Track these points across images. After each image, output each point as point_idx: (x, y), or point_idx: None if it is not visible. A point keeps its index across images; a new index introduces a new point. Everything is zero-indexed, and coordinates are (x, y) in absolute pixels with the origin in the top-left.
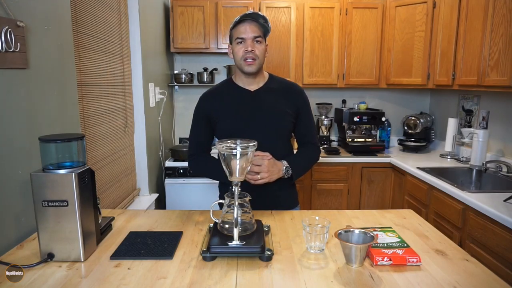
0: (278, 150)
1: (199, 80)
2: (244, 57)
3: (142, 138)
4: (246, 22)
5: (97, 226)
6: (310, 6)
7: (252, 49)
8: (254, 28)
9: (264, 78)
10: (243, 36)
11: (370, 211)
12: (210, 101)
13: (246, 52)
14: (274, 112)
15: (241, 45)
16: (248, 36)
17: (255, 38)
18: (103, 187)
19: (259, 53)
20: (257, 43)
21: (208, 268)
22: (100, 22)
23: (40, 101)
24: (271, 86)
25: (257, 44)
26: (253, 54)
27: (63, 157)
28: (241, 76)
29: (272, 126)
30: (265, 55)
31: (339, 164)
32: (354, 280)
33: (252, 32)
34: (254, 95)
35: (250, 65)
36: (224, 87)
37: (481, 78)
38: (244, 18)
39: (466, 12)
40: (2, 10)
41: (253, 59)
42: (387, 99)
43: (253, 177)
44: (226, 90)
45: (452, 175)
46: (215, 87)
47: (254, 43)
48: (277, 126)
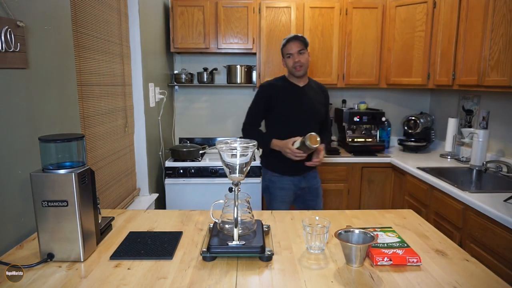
0: (316, 129)
1: (199, 80)
2: (294, 66)
3: (142, 138)
4: (292, 42)
5: (97, 226)
6: (310, 6)
7: (298, 60)
8: (298, 44)
9: (306, 79)
10: (290, 52)
11: (370, 211)
12: (272, 89)
13: (295, 63)
14: (315, 103)
15: (291, 58)
16: (294, 51)
17: (299, 51)
18: (103, 187)
19: (304, 61)
20: (301, 54)
21: (208, 268)
22: (100, 22)
23: (40, 101)
24: (311, 84)
25: (301, 55)
26: (299, 63)
27: (63, 157)
28: (293, 77)
29: (314, 112)
30: (308, 61)
31: (339, 164)
32: (354, 280)
33: (296, 48)
34: (302, 89)
35: (299, 71)
36: (281, 81)
37: (481, 78)
38: (290, 39)
39: (466, 12)
40: (2, 10)
41: (300, 66)
42: (387, 99)
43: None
44: (283, 84)
45: (452, 175)
46: (274, 80)
47: (299, 54)
48: (318, 113)
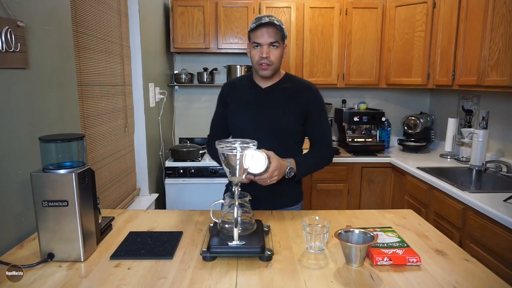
0: (282, 149)
1: (199, 80)
2: (259, 62)
3: (142, 138)
4: (263, 27)
5: (97, 226)
6: (310, 6)
7: (267, 56)
8: (271, 33)
9: (279, 76)
10: (259, 41)
11: (370, 211)
12: (229, 89)
13: (261, 58)
14: (280, 110)
15: (257, 50)
16: (264, 41)
17: (272, 44)
18: (103, 187)
19: (275, 59)
20: (273, 48)
21: (208, 268)
22: (100, 22)
23: (40, 101)
24: (284, 85)
25: (273, 49)
26: (268, 60)
27: (63, 157)
28: (256, 74)
29: (277, 124)
30: (282, 58)
31: (339, 164)
32: (354, 280)
33: (268, 38)
34: (263, 92)
35: (265, 70)
36: (243, 80)
37: (481, 78)
38: (262, 24)
39: (466, 12)
40: (2, 10)
41: (268, 65)
42: (387, 99)
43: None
44: (243, 83)
45: (452, 175)
46: (237, 78)
47: (270, 48)
48: (282, 125)
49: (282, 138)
